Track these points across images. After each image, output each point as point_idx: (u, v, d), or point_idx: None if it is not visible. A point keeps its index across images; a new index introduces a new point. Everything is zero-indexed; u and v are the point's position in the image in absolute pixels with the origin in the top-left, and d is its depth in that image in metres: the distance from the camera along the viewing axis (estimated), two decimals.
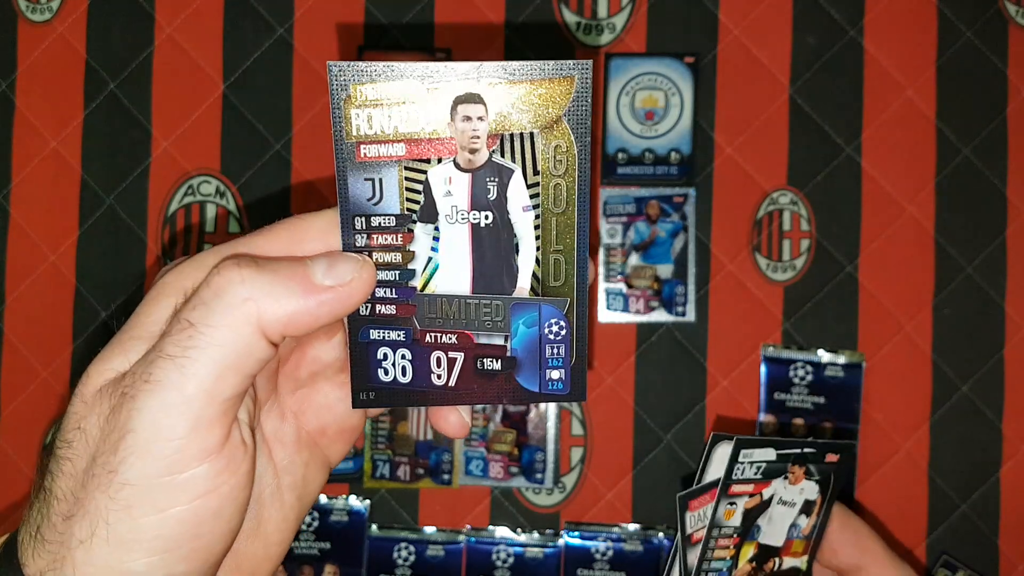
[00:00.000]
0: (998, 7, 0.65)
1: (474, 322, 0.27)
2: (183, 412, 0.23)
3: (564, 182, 0.26)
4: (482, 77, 0.25)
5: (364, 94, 0.25)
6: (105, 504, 0.24)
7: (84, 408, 0.25)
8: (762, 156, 0.65)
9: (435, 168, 0.26)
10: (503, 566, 0.63)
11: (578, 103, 0.26)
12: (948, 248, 0.64)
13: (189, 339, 0.23)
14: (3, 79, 0.66)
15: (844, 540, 0.40)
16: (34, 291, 0.66)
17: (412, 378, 0.28)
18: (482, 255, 0.27)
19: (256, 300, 0.24)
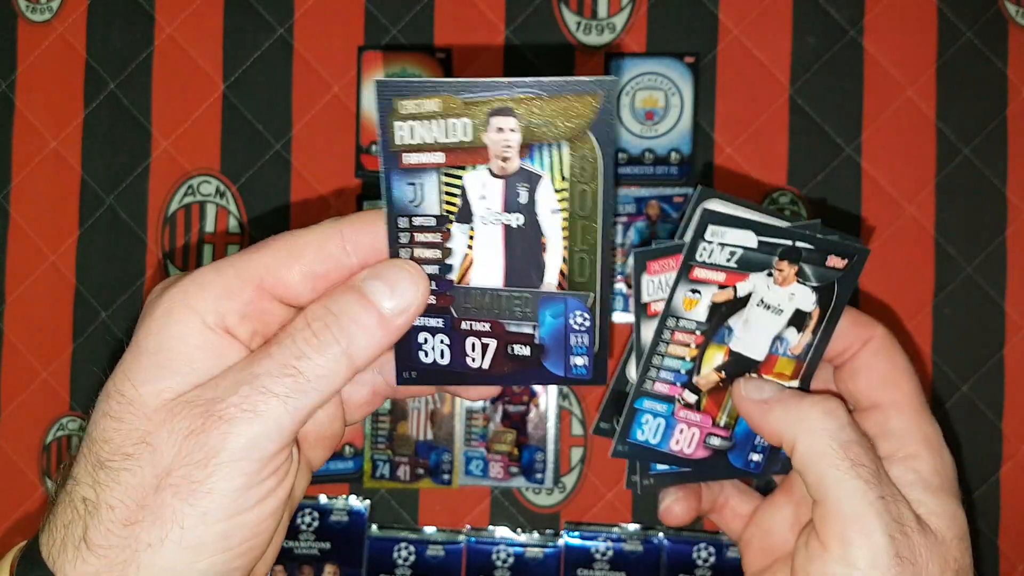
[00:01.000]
0: (998, 7, 0.65)
1: (505, 312, 0.30)
2: (276, 439, 0.27)
3: (589, 188, 0.28)
4: (514, 92, 0.27)
5: (407, 108, 0.28)
6: (183, 511, 0.26)
7: (150, 424, 0.27)
8: (762, 156, 0.65)
9: (471, 174, 0.29)
10: (503, 566, 0.63)
11: (603, 117, 0.28)
12: (948, 248, 0.64)
13: (296, 384, 0.27)
14: (3, 79, 0.66)
15: (873, 366, 0.33)
16: (34, 291, 0.66)
17: (450, 360, 0.31)
18: (513, 252, 0.29)
19: (351, 354, 0.28)
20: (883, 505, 0.30)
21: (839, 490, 0.30)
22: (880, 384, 0.33)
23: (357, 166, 0.65)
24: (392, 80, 0.28)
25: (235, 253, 0.29)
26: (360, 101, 0.65)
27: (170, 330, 0.28)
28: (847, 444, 0.31)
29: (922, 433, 0.32)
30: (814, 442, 0.31)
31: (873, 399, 0.33)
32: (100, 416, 0.28)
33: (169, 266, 0.65)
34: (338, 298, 0.28)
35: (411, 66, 0.65)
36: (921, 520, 0.31)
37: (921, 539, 0.30)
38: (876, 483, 0.30)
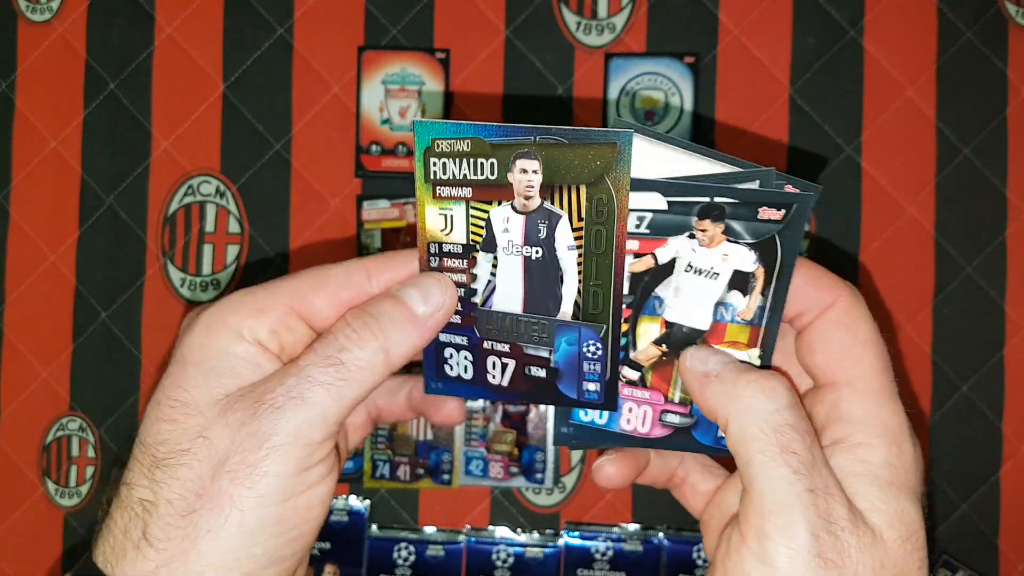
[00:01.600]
0: (998, 7, 0.65)
1: (524, 335, 0.33)
2: (321, 426, 0.29)
3: (604, 229, 0.30)
4: (538, 138, 0.30)
5: (441, 147, 0.31)
6: (240, 494, 0.28)
7: (205, 420, 0.29)
8: (762, 156, 0.65)
9: (496, 209, 0.31)
10: (503, 566, 0.63)
11: (620, 164, 0.29)
12: (948, 248, 0.64)
13: (338, 374, 0.29)
14: (3, 79, 0.66)
15: (831, 339, 0.30)
16: (34, 291, 0.66)
17: (473, 376, 0.33)
18: (532, 282, 0.32)
19: (388, 349, 0.30)
20: (810, 499, 0.27)
21: (764, 479, 0.27)
22: (838, 359, 0.30)
23: (357, 166, 0.65)
24: (430, 121, 0.31)
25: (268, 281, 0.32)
26: (360, 101, 0.65)
27: (211, 342, 0.30)
28: (780, 428, 0.28)
29: (878, 419, 0.29)
30: (745, 423, 0.28)
31: (830, 376, 0.30)
32: (153, 423, 0.30)
33: (169, 266, 0.65)
34: (375, 301, 0.31)
35: (411, 66, 0.65)
36: (858, 518, 0.27)
37: (853, 539, 0.27)
38: (806, 474, 0.27)
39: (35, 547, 0.65)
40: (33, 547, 0.65)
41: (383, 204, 0.65)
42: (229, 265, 0.65)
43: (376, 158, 0.65)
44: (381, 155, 0.65)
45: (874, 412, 0.29)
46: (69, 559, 0.65)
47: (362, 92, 0.65)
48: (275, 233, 0.65)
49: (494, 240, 0.32)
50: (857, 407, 0.29)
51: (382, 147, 0.65)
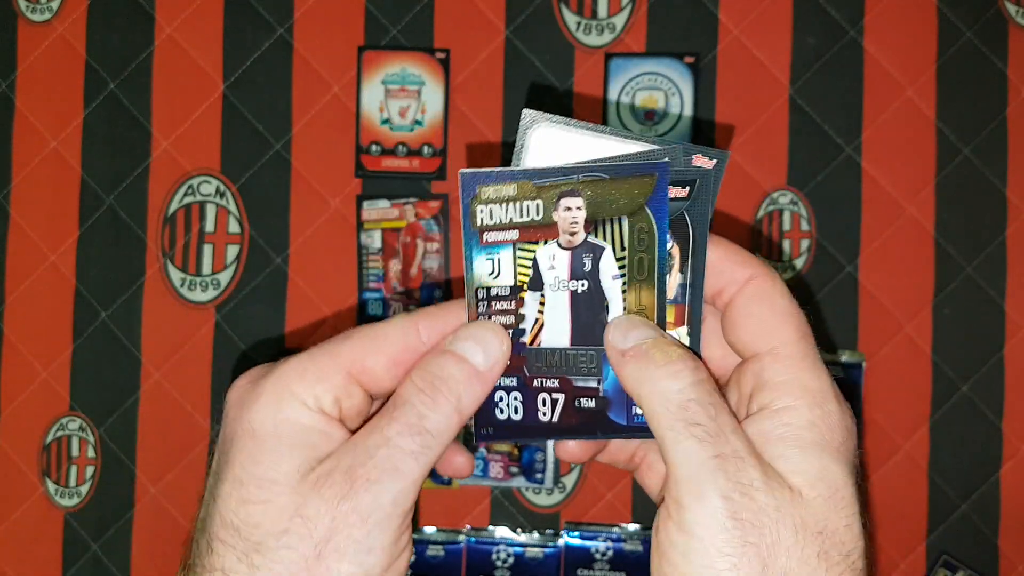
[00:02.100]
0: (998, 7, 0.65)
1: (572, 368, 0.33)
2: (413, 493, 0.30)
3: (646, 256, 0.32)
4: (581, 176, 0.31)
5: (487, 194, 0.32)
6: (350, 571, 0.28)
7: (299, 498, 0.29)
8: (762, 156, 0.65)
9: (542, 248, 0.33)
10: (503, 566, 0.63)
11: (658, 193, 0.31)
12: (948, 248, 0.64)
13: (424, 441, 0.30)
14: (3, 79, 0.66)
15: (750, 314, 0.31)
16: (34, 291, 0.66)
17: (523, 416, 0.34)
18: (579, 315, 0.33)
19: (460, 410, 0.31)
20: (718, 464, 0.28)
21: (673, 452, 0.28)
22: (759, 333, 0.31)
23: (357, 166, 0.65)
24: (475, 171, 0.32)
25: (323, 343, 0.32)
26: (360, 101, 0.65)
27: (283, 415, 0.30)
28: (684, 404, 0.29)
29: (799, 383, 0.29)
30: (654, 404, 0.30)
31: (753, 349, 0.31)
32: (239, 504, 0.29)
33: (169, 266, 0.65)
34: (439, 362, 0.32)
35: (411, 66, 0.65)
36: (773, 479, 0.28)
37: (769, 499, 0.27)
38: (712, 442, 0.28)
39: (35, 547, 0.65)
40: (33, 547, 0.65)
41: (383, 204, 0.65)
42: (229, 265, 0.65)
43: (376, 158, 0.65)
44: (381, 155, 0.65)
45: (795, 376, 0.30)
46: (69, 559, 0.65)
47: (362, 92, 0.65)
48: (275, 233, 0.65)
49: (540, 278, 0.33)
50: (778, 373, 0.30)
51: (382, 147, 0.65)
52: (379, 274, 0.65)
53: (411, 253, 0.65)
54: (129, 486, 0.65)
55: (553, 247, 0.32)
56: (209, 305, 0.65)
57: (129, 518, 0.65)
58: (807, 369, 0.30)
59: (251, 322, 0.65)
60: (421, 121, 0.65)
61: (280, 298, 0.65)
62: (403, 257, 0.65)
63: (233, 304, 0.65)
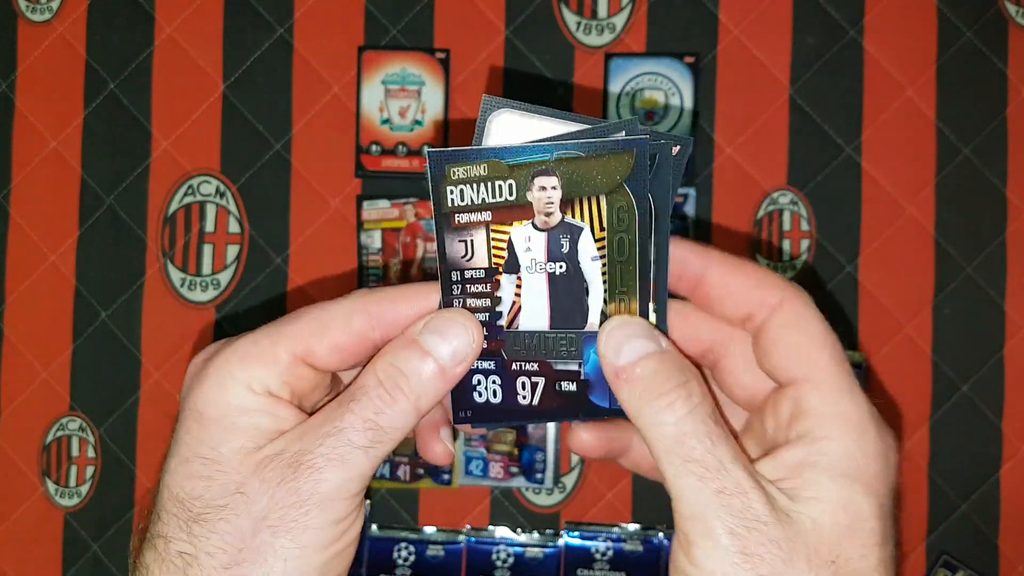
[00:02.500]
0: (998, 7, 0.65)
1: (552, 352, 0.32)
2: (359, 481, 0.30)
3: (626, 236, 0.31)
4: (555, 154, 0.30)
5: (457, 174, 0.31)
6: (283, 545, 0.29)
7: (240, 477, 0.30)
8: (762, 156, 0.65)
9: (516, 229, 0.32)
10: (503, 566, 0.63)
11: (637, 171, 0.30)
12: (948, 248, 0.64)
13: (376, 436, 0.30)
14: (3, 79, 0.66)
15: (784, 340, 0.30)
16: (34, 291, 0.66)
17: (502, 399, 0.33)
18: (557, 297, 0.32)
19: (419, 407, 0.31)
20: (720, 501, 0.28)
21: (675, 488, 0.29)
22: (794, 360, 0.30)
23: (357, 166, 0.65)
24: (443, 150, 0.31)
25: (270, 324, 0.32)
26: (360, 101, 0.65)
27: (225, 398, 0.31)
28: (680, 437, 0.29)
29: (838, 412, 0.29)
30: (650, 438, 0.29)
31: (790, 375, 0.30)
32: (184, 479, 0.30)
33: (169, 266, 0.65)
34: (404, 355, 0.31)
35: (411, 66, 0.65)
36: (780, 508, 0.28)
37: (778, 531, 0.27)
38: (712, 476, 0.28)
39: (35, 547, 0.65)
40: (33, 547, 0.65)
41: (383, 204, 0.65)
42: (229, 265, 0.65)
43: (376, 158, 0.65)
44: (381, 155, 0.65)
45: (833, 405, 0.30)
46: (69, 559, 0.65)
47: (362, 92, 0.65)
48: (275, 233, 0.65)
49: (516, 261, 0.32)
50: (817, 402, 0.30)
51: (382, 147, 0.65)
52: (379, 274, 0.65)
53: (411, 253, 0.65)
54: (129, 486, 0.65)
55: (528, 228, 0.31)
56: (209, 305, 0.65)
57: (129, 518, 0.65)
58: (845, 398, 0.30)
59: (251, 322, 0.65)
60: (421, 121, 0.65)
61: (280, 298, 0.65)
62: (403, 257, 0.65)
63: (233, 304, 0.65)
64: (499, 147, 0.30)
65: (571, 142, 0.30)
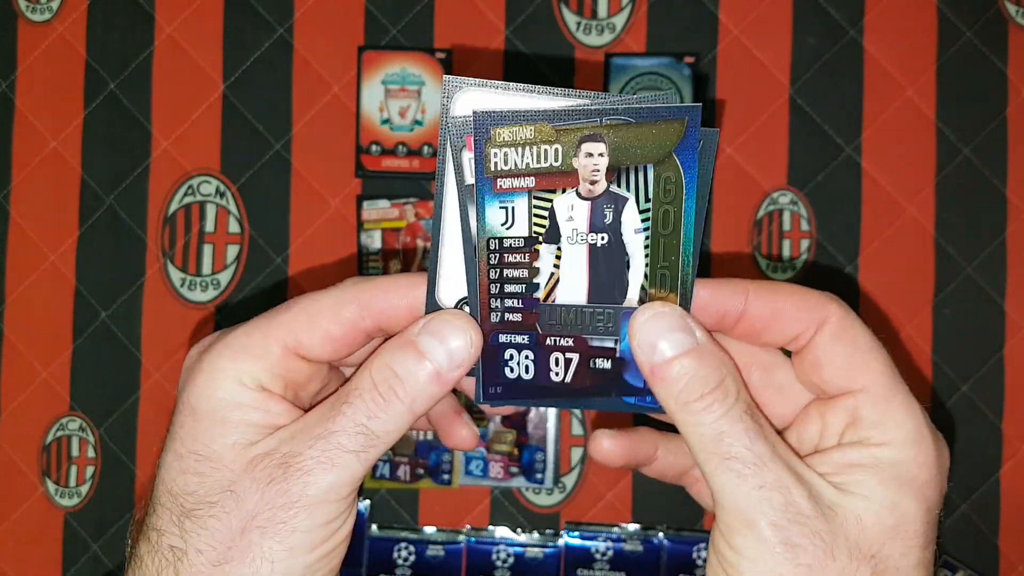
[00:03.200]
0: (998, 7, 0.65)
1: (588, 327, 0.31)
2: (349, 484, 0.30)
3: (672, 208, 0.30)
4: (604, 119, 0.29)
5: (502, 136, 0.30)
6: (270, 546, 0.29)
7: (231, 474, 0.30)
8: (762, 156, 0.65)
9: (559, 197, 0.30)
10: (503, 566, 0.63)
11: (687, 141, 0.29)
12: (948, 248, 0.64)
13: (367, 441, 0.30)
14: (3, 79, 0.66)
15: (835, 353, 0.31)
16: (34, 291, 0.66)
17: (534, 375, 0.32)
18: (597, 271, 0.31)
19: (413, 410, 0.31)
20: (762, 495, 0.28)
21: (716, 485, 0.29)
22: (846, 372, 0.31)
23: (357, 166, 0.65)
24: (489, 111, 0.29)
25: (261, 316, 0.32)
26: (360, 101, 0.65)
27: (217, 393, 0.31)
28: (718, 436, 0.29)
29: (896, 421, 0.30)
30: (688, 433, 0.30)
31: (842, 387, 0.31)
32: (178, 474, 0.31)
33: (169, 266, 0.65)
34: (399, 357, 0.31)
35: (411, 66, 0.65)
36: (826, 504, 0.29)
37: (820, 523, 0.28)
38: (751, 473, 0.28)
39: (35, 547, 0.65)
40: (33, 547, 0.65)
41: (383, 204, 0.65)
42: (229, 265, 0.65)
43: (376, 158, 0.65)
44: (381, 155, 0.65)
45: (890, 414, 0.30)
46: (69, 559, 0.65)
47: (362, 92, 0.65)
48: (275, 233, 0.65)
49: (558, 230, 0.31)
50: (873, 412, 0.30)
51: (382, 147, 0.65)
52: (379, 274, 0.65)
53: (411, 253, 0.65)
54: (129, 486, 0.65)
55: (572, 196, 0.30)
56: (209, 305, 0.65)
57: (129, 518, 0.65)
58: (901, 406, 0.30)
59: None
60: (421, 121, 0.65)
61: (280, 298, 0.65)
62: (403, 257, 0.65)
63: (233, 304, 0.65)
64: (547, 110, 0.29)
65: (621, 107, 0.29)
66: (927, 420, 0.31)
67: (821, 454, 0.31)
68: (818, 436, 0.32)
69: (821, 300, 0.31)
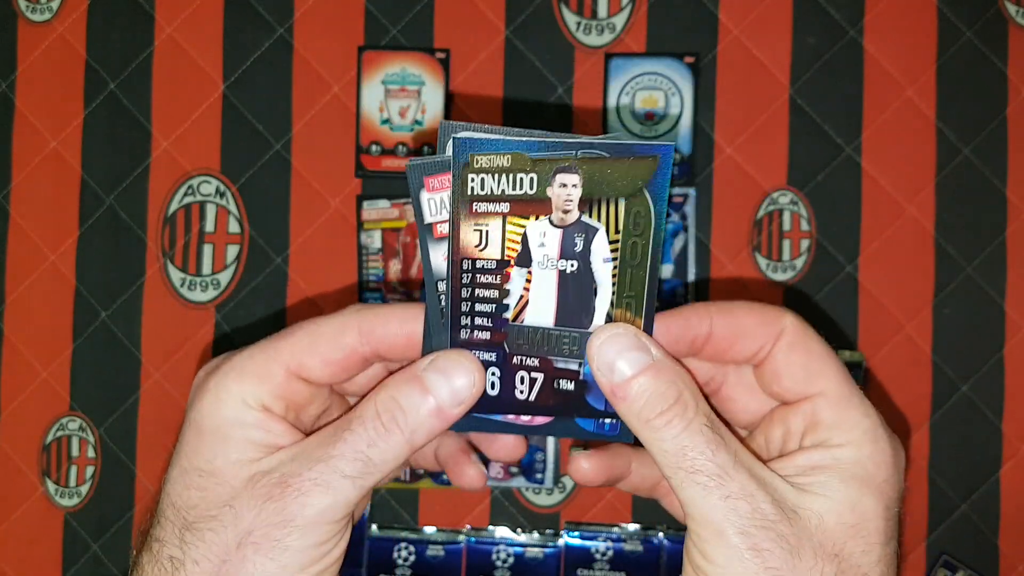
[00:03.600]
0: (998, 7, 0.65)
1: (554, 349, 0.33)
2: (344, 508, 0.31)
3: (640, 241, 0.31)
4: (579, 152, 0.30)
5: (480, 162, 0.31)
6: (263, 563, 0.30)
7: (232, 490, 0.31)
8: (762, 156, 0.65)
9: (533, 224, 0.32)
10: (503, 566, 0.63)
11: (659, 177, 0.30)
12: (948, 248, 0.64)
13: (365, 468, 0.31)
14: (3, 79, 0.66)
15: (791, 363, 0.33)
16: (34, 291, 0.66)
17: (499, 392, 0.33)
18: (565, 296, 0.32)
19: (413, 442, 0.32)
20: (730, 505, 0.29)
21: (682, 495, 0.30)
22: (803, 379, 0.33)
23: (357, 166, 0.65)
24: (470, 137, 0.31)
25: (265, 340, 0.33)
26: (360, 101, 0.65)
27: (222, 412, 0.32)
28: (680, 451, 0.30)
29: (852, 423, 0.32)
30: (651, 448, 0.31)
31: (800, 393, 0.33)
32: (183, 488, 0.32)
33: (169, 266, 0.65)
34: (405, 390, 0.32)
35: (411, 66, 0.65)
36: (789, 507, 0.30)
37: (786, 527, 0.29)
38: (715, 484, 0.30)
39: (35, 547, 0.65)
40: (33, 547, 0.65)
41: (383, 204, 0.65)
42: (229, 265, 0.65)
43: (376, 158, 0.65)
44: (381, 155, 0.65)
45: (847, 416, 0.32)
46: (69, 559, 0.65)
47: (362, 92, 0.65)
48: (275, 233, 0.65)
49: (529, 255, 0.32)
50: (831, 414, 0.32)
51: (382, 147, 0.65)
52: (379, 274, 0.65)
53: (411, 253, 0.65)
54: (129, 486, 0.65)
55: (545, 224, 0.32)
56: (209, 305, 0.65)
57: (129, 518, 0.65)
58: (856, 408, 0.32)
59: (251, 322, 0.65)
60: (421, 121, 0.65)
61: (280, 298, 0.65)
62: (403, 257, 0.65)
63: (233, 304, 0.65)
64: (526, 140, 0.30)
65: (597, 142, 0.30)
66: (882, 421, 0.32)
67: (785, 458, 0.32)
68: (782, 440, 0.34)
69: (777, 314, 0.33)
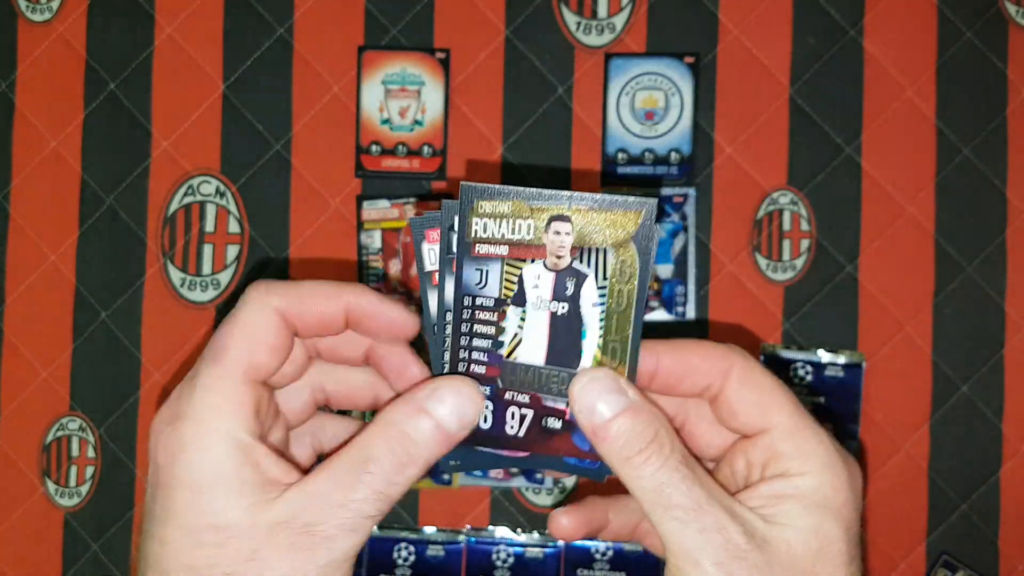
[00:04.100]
0: (998, 7, 0.65)
1: (544, 387, 0.35)
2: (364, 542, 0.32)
3: (626, 289, 0.34)
4: (573, 203, 0.33)
5: (484, 208, 0.34)
6: None
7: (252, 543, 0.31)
8: (762, 156, 0.65)
9: (528, 266, 0.34)
10: (503, 566, 0.63)
11: (644, 230, 0.33)
12: (948, 248, 0.64)
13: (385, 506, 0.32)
14: (3, 79, 0.66)
15: (743, 399, 0.34)
16: (34, 291, 0.66)
17: (491, 426, 0.35)
18: (556, 336, 0.34)
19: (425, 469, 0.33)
20: (705, 539, 0.31)
21: (662, 532, 0.32)
22: (757, 413, 0.34)
23: (357, 166, 0.65)
24: (477, 185, 0.34)
25: (205, 360, 0.33)
26: (360, 101, 0.65)
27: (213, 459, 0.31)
28: (658, 488, 0.32)
29: (808, 451, 0.33)
30: (630, 486, 0.33)
31: (756, 427, 0.34)
32: (194, 548, 0.31)
33: (169, 266, 0.65)
34: (414, 424, 0.33)
35: (411, 66, 0.65)
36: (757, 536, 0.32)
37: (758, 556, 0.31)
38: (692, 519, 0.31)
39: (35, 547, 0.65)
40: (33, 547, 0.65)
41: (383, 204, 0.65)
42: (229, 265, 0.65)
43: (376, 158, 0.65)
44: (381, 155, 0.65)
45: (802, 446, 0.33)
46: (69, 559, 0.65)
47: (362, 92, 0.65)
48: (275, 233, 0.65)
49: (524, 295, 0.34)
50: (788, 446, 0.34)
51: (382, 147, 0.65)
52: (379, 274, 0.65)
53: (411, 253, 0.65)
54: (129, 486, 0.65)
55: (539, 267, 0.34)
56: (209, 305, 0.65)
57: (129, 518, 0.65)
58: (810, 438, 0.34)
59: None
60: (421, 121, 0.65)
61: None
62: (403, 257, 0.65)
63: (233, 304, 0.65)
64: (526, 189, 0.33)
65: (588, 196, 0.33)
66: (836, 446, 0.34)
67: (750, 489, 0.33)
68: (746, 471, 0.35)
69: (724, 352, 0.35)
